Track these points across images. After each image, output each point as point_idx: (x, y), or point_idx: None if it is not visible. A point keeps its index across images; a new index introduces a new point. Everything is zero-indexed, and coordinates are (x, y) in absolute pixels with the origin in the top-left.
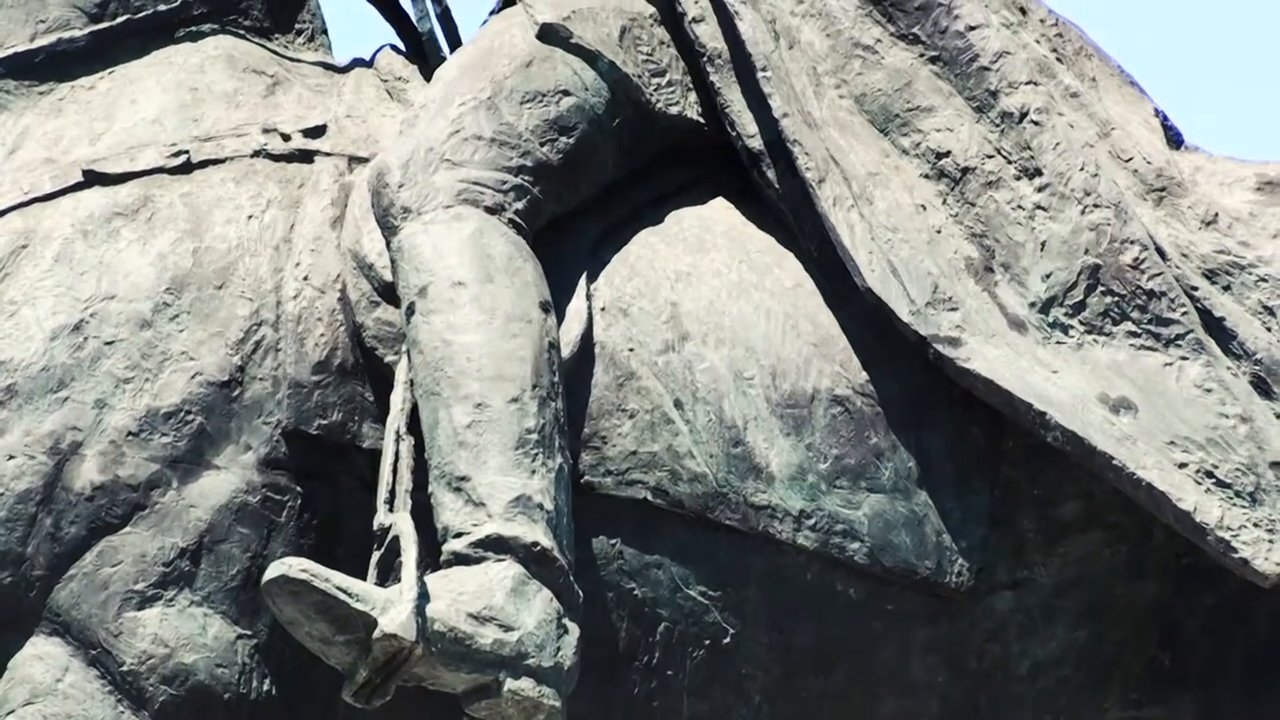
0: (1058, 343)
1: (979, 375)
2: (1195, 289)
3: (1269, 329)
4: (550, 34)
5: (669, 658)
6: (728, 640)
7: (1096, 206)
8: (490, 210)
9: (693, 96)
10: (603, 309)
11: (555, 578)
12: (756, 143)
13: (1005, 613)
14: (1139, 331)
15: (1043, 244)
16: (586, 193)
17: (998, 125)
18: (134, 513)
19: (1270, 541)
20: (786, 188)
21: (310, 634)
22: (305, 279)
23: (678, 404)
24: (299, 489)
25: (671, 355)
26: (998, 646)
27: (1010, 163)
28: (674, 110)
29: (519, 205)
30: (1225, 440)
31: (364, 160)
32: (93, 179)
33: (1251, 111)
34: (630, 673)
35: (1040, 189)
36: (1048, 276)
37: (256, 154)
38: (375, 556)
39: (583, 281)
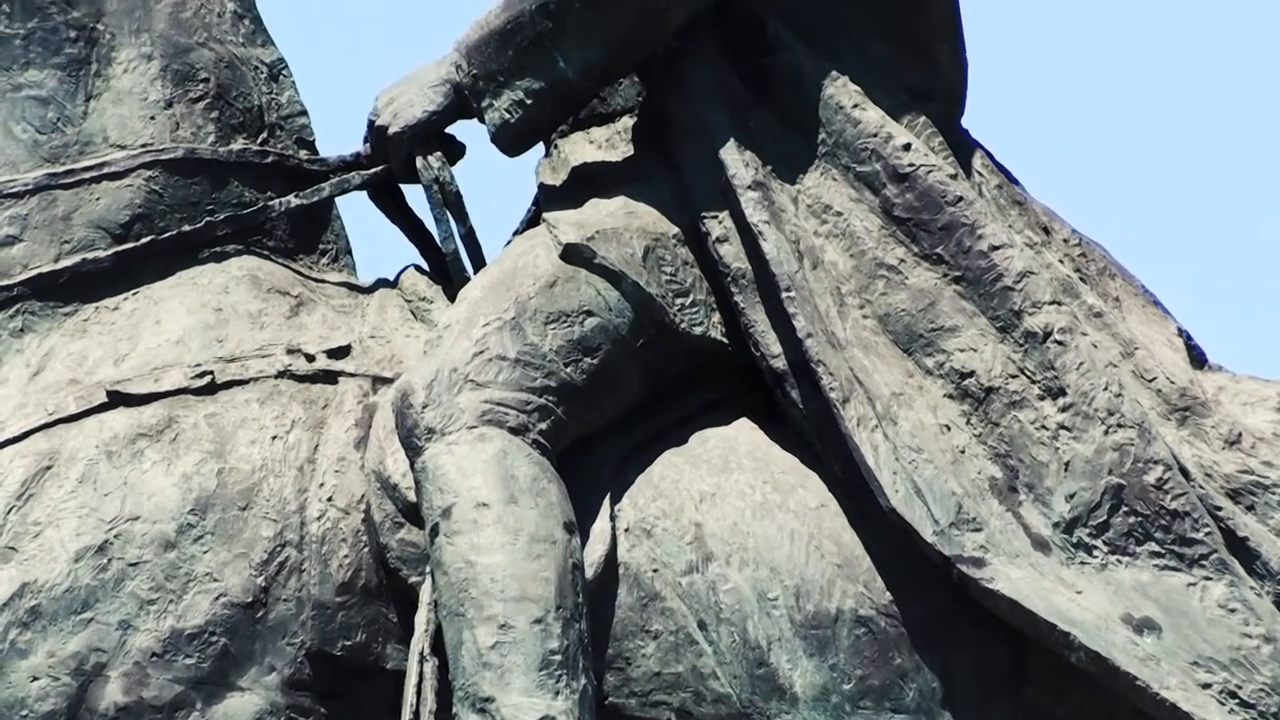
0: (1081, 563)
1: (1003, 596)
2: (1219, 509)
3: None
4: (574, 254)
5: None
6: None
7: (1120, 426)
8: (514, 431)
9: (716, 317)
10: (626, 530)
11: None
12: (781, 363)
13: None
14: (1163, 551)
15: (1066, 464)
16: (610, 413)
17: (1021, 345)
18: None
19: None
20: (811, 408)
21: None
22: (329, 500)
23: (701, 625)
24: (323, 710)
25: (695, 576)
26: None
27: (1034, 383)
28: (698, 331)
29: (543, 426)
30: (1249, 660)
31: (388, 381)
32: (117, 400)
33: (1276, 331)
34: None
35: (1064, 409)
36: (1071, 497)
37: (281, 375)
38: None
39: (606, 502)
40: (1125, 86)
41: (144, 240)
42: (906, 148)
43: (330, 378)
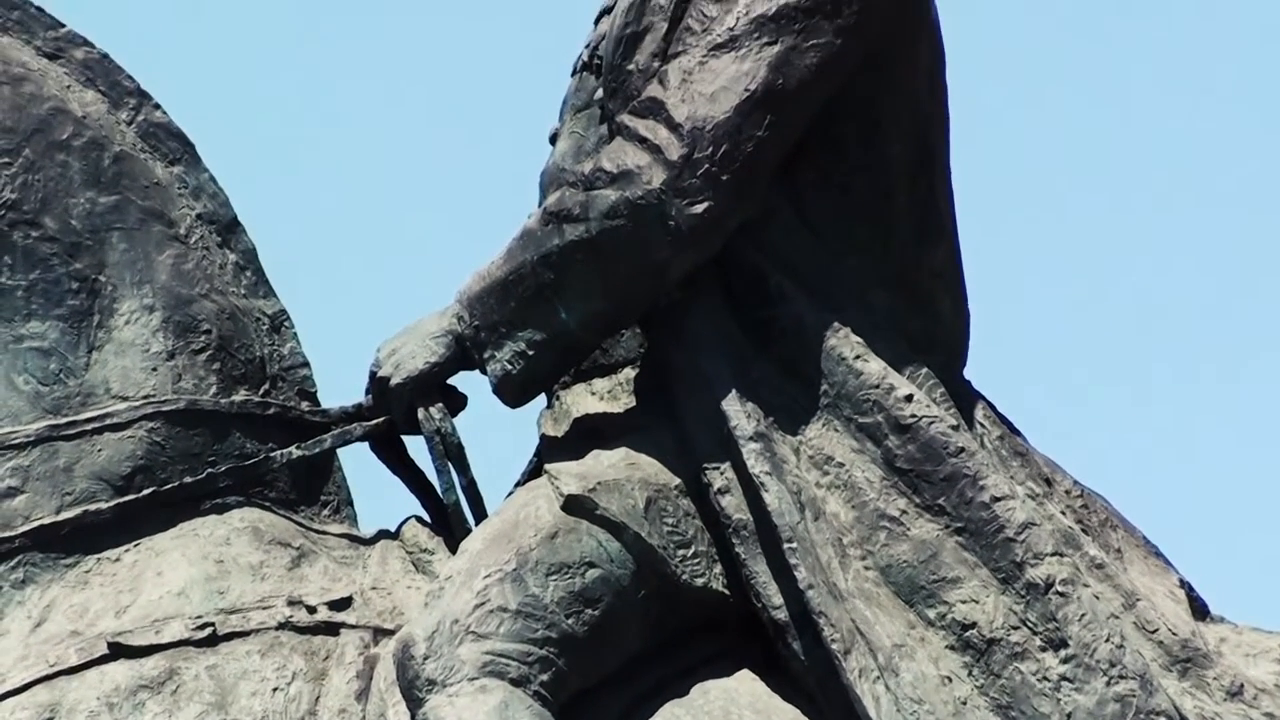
0: None
1: None
2: None
3: None
4: (576, 506)
5: None
6: None
7: (1122, 678)
8: (515, 682)
9: (718, 568)
10: None
11: None
12: (782, 614)
13: None
14: None
15: (1069, 715)
16: (612, 665)
17: (1023, 596)
18: None
19: None
20: (812, 659)
21: None
22: None
23: None
24: None
25: None
26: None
27: (1036, 634)
28: (699, 582)
29: (544, 677)
30: None
31: (390, 632)
32: (118, 651)
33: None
34: None
35: (1066, 660)
36: None
37: (282, 626)
38: None
39: None
40: (1127, 339)
41: (146, 491)
42: (908, 399)
43: (332, 629)
